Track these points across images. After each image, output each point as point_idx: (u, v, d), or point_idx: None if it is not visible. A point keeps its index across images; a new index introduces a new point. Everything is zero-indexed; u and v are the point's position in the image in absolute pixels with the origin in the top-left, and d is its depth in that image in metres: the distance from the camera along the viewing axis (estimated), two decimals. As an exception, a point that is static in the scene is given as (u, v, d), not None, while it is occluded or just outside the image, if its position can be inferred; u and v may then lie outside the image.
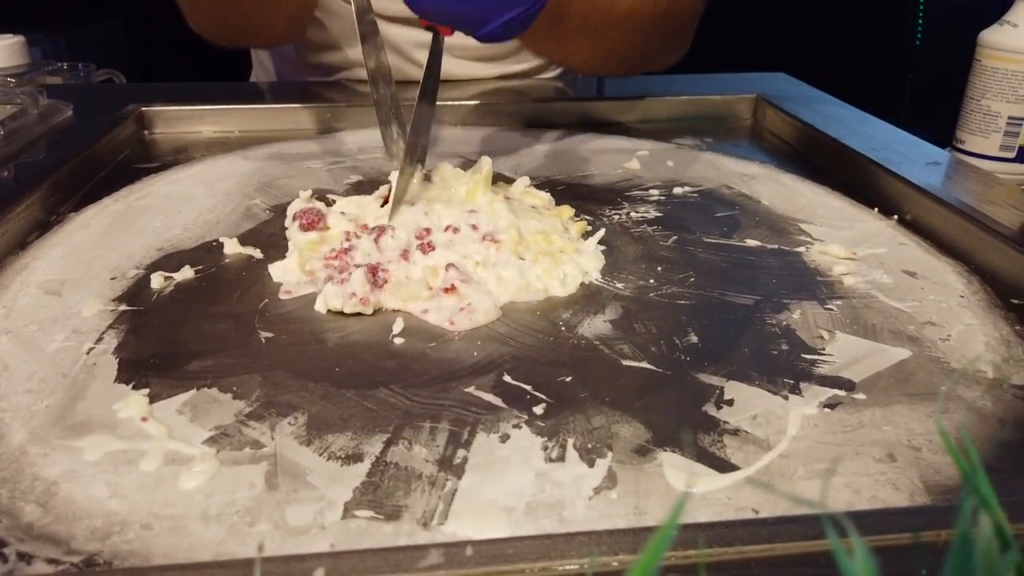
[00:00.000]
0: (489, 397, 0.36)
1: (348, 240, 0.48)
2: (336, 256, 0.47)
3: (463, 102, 0.78)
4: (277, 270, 0.47)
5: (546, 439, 0.33)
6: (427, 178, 0.52)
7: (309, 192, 0.53)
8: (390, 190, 0.51)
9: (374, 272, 0.44)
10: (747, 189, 0.62)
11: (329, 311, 0.43)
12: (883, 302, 0.45)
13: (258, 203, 0.58)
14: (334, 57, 0.86)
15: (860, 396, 0.37)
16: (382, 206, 0.52)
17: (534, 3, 0.46)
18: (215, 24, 0.75)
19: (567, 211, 0.54)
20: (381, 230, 0.47)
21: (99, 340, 0.40)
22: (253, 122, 0.75)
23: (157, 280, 0.46)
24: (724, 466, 0.32)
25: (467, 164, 0.67)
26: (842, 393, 0.37)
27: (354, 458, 0.32)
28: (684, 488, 0.31)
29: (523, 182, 0.55)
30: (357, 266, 0.45)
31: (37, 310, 0.43)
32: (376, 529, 0.29)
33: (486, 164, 0.52)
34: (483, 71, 0.87)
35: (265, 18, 0.73)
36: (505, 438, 0.33)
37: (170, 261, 0.49)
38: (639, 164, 0.67)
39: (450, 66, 0.85)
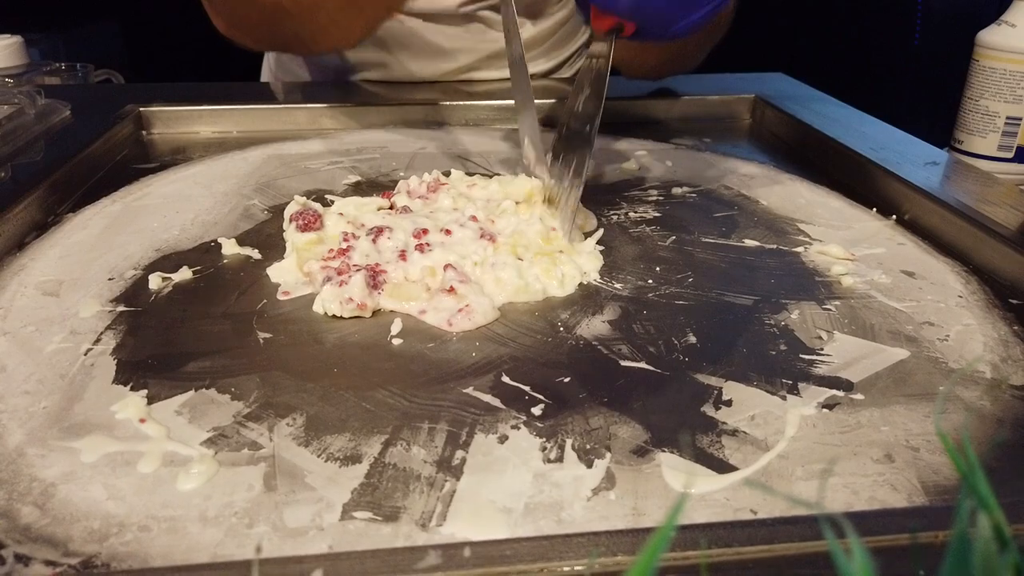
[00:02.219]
0: (487, 398, 0.36)
1: (346, 240, 0.48)
2: (334, 256, 0.46)
3: (463, 103, 0.78)
4: (275, 271, 0.47)
5: (544, 440, 0.33)
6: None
7: (304, 199, 0.53)
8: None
9: (373, 276, 0.44)
10: (746, 189, 0.62)
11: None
12: (881, 302, 0.45)
13: (256, 203, 0.58)
14: (372, 55, 0.85)
15: (858, 396, 0.37)
16: (389, 208, 0.52)
17: None
18: (270, 34, 0.70)
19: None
20: (379, 230, 0.47)
21: (97, 341, 0.40)
22: (251, 122, 0.75)
23: (155, 281, 0.46)
24: (722, 467, 0.32)
25: (468, 165, 0.67)
26: (840, 393, 0.37)
27: (352, 459, 0.32)
28: (682, 489, 0.31)
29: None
30: (356, 267, 0.45)
31: (35, 311, 0.43)
32: (374, 530, 0.29)
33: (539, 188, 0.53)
34: (497, 73, 0.86)
35: (344, 26, 0.68)
36: (503, 439, 0.33)
37: (168, 262, 0.49)
38: (637, 164, 0.67)
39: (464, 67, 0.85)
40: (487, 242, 0.47)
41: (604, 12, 0.45)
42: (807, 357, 0.40)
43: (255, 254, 0.50)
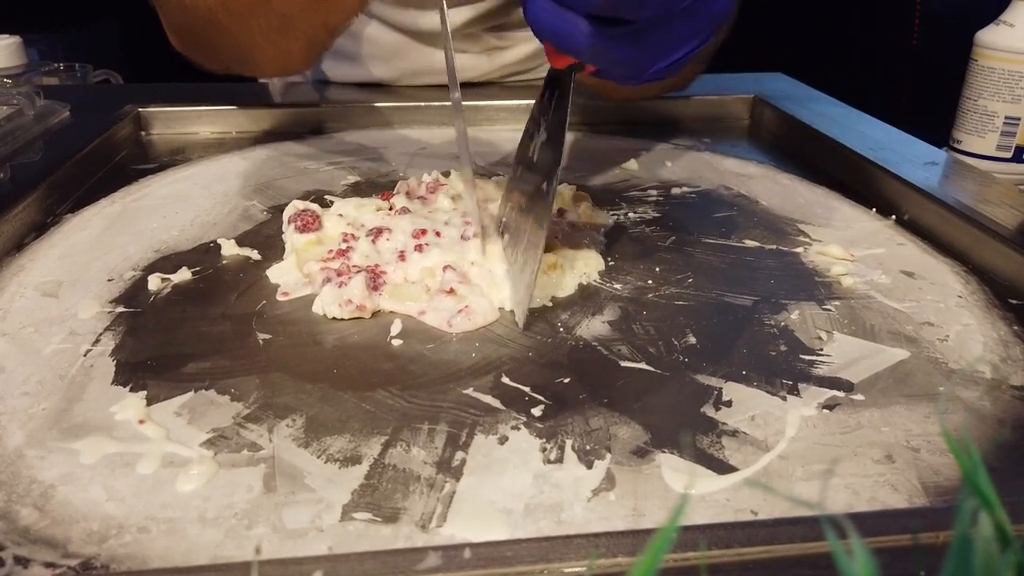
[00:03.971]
0: (487, 399, 0.36)
1: (346, 241, 0.48)
2: (334, 257, 0.46)
3: (463, 103, 0.77)
4: (275, 272, 0.47)
5: (544, 441, 0.33)
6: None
7: (303, 203, 0.52)
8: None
9: (374, 277, 0.44)
10: (745, 189, 0.62)
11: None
12: (881, 302, 0.45)
13: (255, 204, 0.58)
14: (380, 70, 0.84)
15: (858, 397, 0.37)
16: (388, 208, 0.52)
17: (709, 37, 0.38)
18: (212, 51, 0.68)
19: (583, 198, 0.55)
20: (378, 231, 0.47)
21: (96, 342, 0.40)
22: (250, 123, 0.75)
23: (154, 282, 0.46)
24: (723, 467, 0.32)
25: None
26: (840, 394, 0.37)
27: (352, 460, 0.32)
28: (683, 490, 0.31)
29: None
30: (356, 268, 0.45)
31: (34, 312, 0.43)
32: (374, 531, 0.29)
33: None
34: (496, 73, 0.86)
35: (281, 47, 0.63)
36: (503, 440, 0.33)
37: (167, 263, 0.49)
38: (637, 164, 0.67)
39: (462, 65, 0.85)
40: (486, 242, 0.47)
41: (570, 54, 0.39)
42: (807, 357, 0.40)
43: (254, 255, 0.50)
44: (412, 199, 0.53)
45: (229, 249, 0.50)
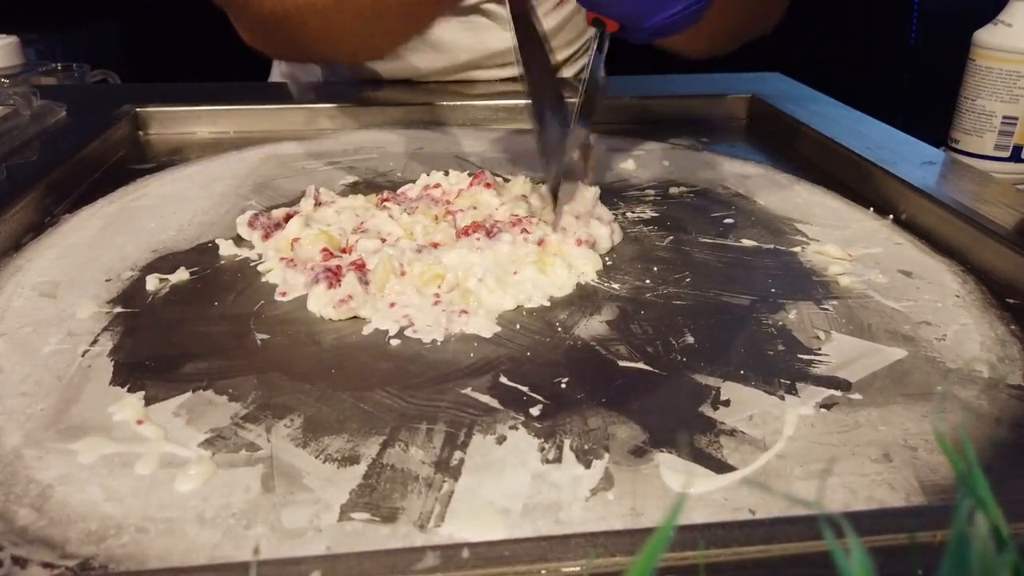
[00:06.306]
0: (485, 398, 0.36)
1: (341, 252, 0.48)
2: (327, 257, 0.46)
3: (458, 102, 0.78)
4: (273, 272, 0.47)
5: (543, 440, 0.33)
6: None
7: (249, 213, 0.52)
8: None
9: (364, 273, 0.44)
10: (743, 189, 0.62)
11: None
12: (879, 302, 0.45)
13: (253, 204, 0.58)
14: (398, 65, 0.85)
15: (856, 396, 0.37)
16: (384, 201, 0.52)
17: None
18: (292, 47, 0.71)
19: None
20: (381, 239, 0.47)
21: (94, 342, 0.40)
22: (248, 123, 0.75)
23: (152, 282, 0.46)
24: (721, 467, 0.32)
25: (463, 165, 0.67)
26: (838, 393, 0.37)
27: (350, 460, 0.32)
28: (681, 489, 0.31)
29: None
30: (350, 265, 0.45)
31: (31, 312, 0.43)
32: (372, 531, 0.29)
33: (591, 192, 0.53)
34: (494, 73, 0.86)
35: (373, 45, 0.68)
36: (502, 440, 0.33)
37: (165, 263, 0.49)
38: (635, 164, 0.67)
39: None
40: (485, 242, 0.47)
41: (584, 6, 0.47)
42: (805, 357, 0.40)
43: (252, 255, 0.50)
44: (410, 201, 0.53)
45: (227, 249, 0.50)
